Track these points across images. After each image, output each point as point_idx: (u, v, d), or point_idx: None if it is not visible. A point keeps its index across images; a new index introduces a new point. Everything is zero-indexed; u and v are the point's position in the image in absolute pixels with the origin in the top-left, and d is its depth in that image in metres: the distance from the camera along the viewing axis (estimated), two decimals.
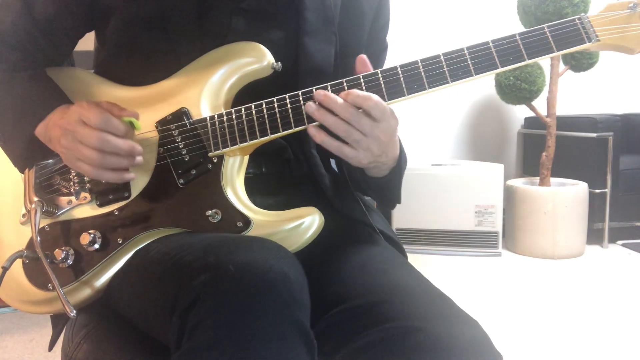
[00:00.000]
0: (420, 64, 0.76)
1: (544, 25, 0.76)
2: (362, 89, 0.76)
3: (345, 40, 0.89)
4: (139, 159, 0.76)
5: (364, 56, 0.79)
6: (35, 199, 0.80)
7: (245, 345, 0.57)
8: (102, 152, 0.73)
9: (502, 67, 0.75)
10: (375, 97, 0.74)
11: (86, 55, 1.09)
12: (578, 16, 0.76)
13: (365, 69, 0.78)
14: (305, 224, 0.73)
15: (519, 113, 3.57)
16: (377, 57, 0.99)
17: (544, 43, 0.75)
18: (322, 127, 0.76)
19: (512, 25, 2.95)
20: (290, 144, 0.88)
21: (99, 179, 0.77)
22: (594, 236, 3.12)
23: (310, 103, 0.75)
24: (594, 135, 3.03)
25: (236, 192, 0.77)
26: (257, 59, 0.80)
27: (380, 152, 0.77)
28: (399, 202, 0.92)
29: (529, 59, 0.75)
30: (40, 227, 0.79)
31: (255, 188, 0.84)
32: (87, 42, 0.94)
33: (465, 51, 0.76)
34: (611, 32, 0.76)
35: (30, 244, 0.80)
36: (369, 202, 0.98)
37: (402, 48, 2.39)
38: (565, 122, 3.11)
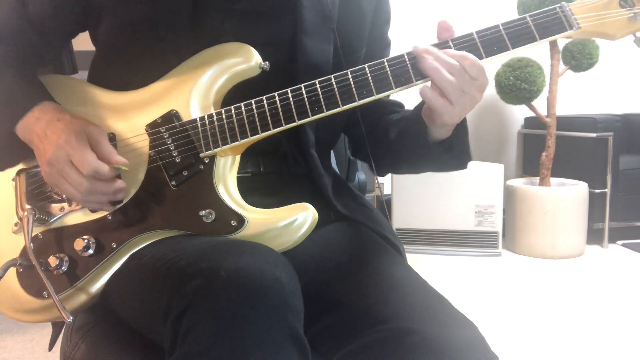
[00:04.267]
0: (406, 57, 0.76)
1: (526, 15, 0.77)
2: (350, 85, 0.76)
3: (345, 38, 0.89)
4: (120, 196, 0.78)
5: (445, 21, 0.78)
6: (27, 206, 0.80)
7: (236, 351, 0.57)
8: (87, 194, 0.75)
9: (487, 57, 0.77)
10: (471, 55, 0.75)
11: (86, 55, 1.09)
12: (559, 4, 0.78)
13: (449, 34, 0.77)
14: (298, 220, 0.73)
15: (519, 113, 3.57)
16: (380, 54, 0.99)
17: (527, 32, 0.77)
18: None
19: None
20: (288, 144, 0.88)
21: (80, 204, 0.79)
22: (594, 236, 3.12)
23: (428, 57, 0.75)
24: (594, 135, 3.03)
25: (229, 191, 0.77)
26: (244, 59, 0.80)
27: (470, 109, 0.78)
28: (471, 159, 0.91)
29: (512, 48, 0.76)
30: (33, 235, 0.79)
31: (254, 187, 0.84)
32: (88, 42, 0.94)
33: (450, 43, 0.77)
34: (592, 19, 0.78)
35: (24, 252, 0.79)
36: (368, 202, 0.98)
37: (401, 47, 2.39)
38: (565, 122, 3.11)
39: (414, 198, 2.97)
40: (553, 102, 2.96)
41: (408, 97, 0.87)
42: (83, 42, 0.93)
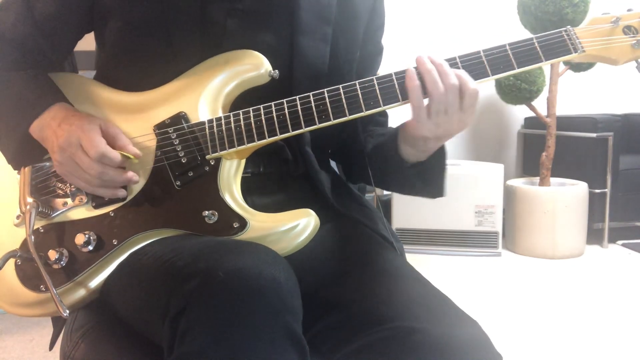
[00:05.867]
0: (414, 72, 0.77)
1: (533, 36, 0.80)
2: (358, 95, 0.77)
3: (339, 40, 0.90)
4: (135, 179, 0.78)
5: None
6: (30, 200, 0.80)
7: (234, 351, 0.57)
8: (99, 179, 0.76)
9: (492, 75, 0.78)
10: (476, 86, 0.76)
11: (86, 55, 1.09)
12: (565, 28, 0.80)
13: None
14: (300, 226, 0.74)
15: (519, 113, 3.57)
16: (373, 59, 1.00)
17: (532, 53, 0.79)
18: None
19: (511, 26, 2.95)
20: (287, 143, 0.89)
21: (92, 193, 0.80)
22: (594, 236, 3.12)
23: (423, 57, 0.76)
24: (594, 135, 3.03)
25: (233, 194, 0.78)
26: (254, 67, 0.81)
27: (442, 135, 0.79)
28: (442, 193, 0.90)
29: (518, 68, 0.78)
30: (34, 228, 0.79)
31: (254, 187, 0.84)
32: (88, 42, 0.94)
33: (458, 60, 0.78)
34: (596, 44, 0.80)
35: (24, 245, 0.80)
36: (368, 202, 0.98)
37: (401, 48, 2.38)
38: (565, 122, 3.11)
39: (414, 198, 2.96)
40: (553, 102, 2.96)
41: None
42: (83, 42, 0.93)
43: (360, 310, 0.72)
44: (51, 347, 0.92)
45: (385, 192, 3.20)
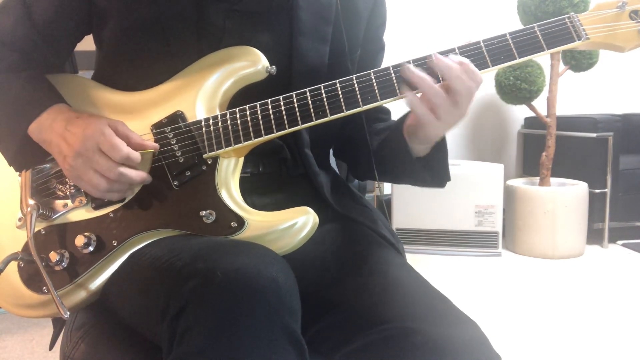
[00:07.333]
0: (412, 64, 0.76)
1: (534, 24, 0.77)
2: (355, 90, 0.76)
3: (339, 39, 0.89)
4: (149, 179, 0.78)
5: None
6: (31, 202, 0.80)
7: (233, 351, 0.57)
8: (114, 182, 0.75)
9: (493, 65, 0.76)
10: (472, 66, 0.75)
11: (86, 55, 1.09)
12: (568, 15, 0.77)
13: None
14: (298, 224, 0.73)
15: (519, 113, 3.57)
16: (374, 57, 0.99)
17: (534, 42, 0.76)
18: None
19: (512, 25, 2.95)
20: (286, 144, 0.89)
21: (101, 198, 0.79)
22: (594, 236, 3.12)
23: (410, 66, 0.75)
24: (594, 135, 3.03)
25: (230, 193, 0.77)
26: (251, 63, 0.81)
27: (452, 126, 0.78)
28: (449, 179, 0.89)
29: (519, 58, 0.76)
30: (36, 230, 0.79)
31: (253, 187, 0.85)
32: (88, 42, 0.94)
33: (457, 51, 0.76)
34: (600, 31, 0.77)
35: (26, 247, 0.80)
36: (368, 202, 0.98)
37: (401, 48, 2.39)
38: (565, 122, 3.11)
39: (414, 198, 2.97)
40: (553, 102, 2.96)
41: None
42: (83, 42, 0.93)
43: (359, 311, 0.72)
44: (51, 347, 0.92)
45: (386, 192, 3.20)
